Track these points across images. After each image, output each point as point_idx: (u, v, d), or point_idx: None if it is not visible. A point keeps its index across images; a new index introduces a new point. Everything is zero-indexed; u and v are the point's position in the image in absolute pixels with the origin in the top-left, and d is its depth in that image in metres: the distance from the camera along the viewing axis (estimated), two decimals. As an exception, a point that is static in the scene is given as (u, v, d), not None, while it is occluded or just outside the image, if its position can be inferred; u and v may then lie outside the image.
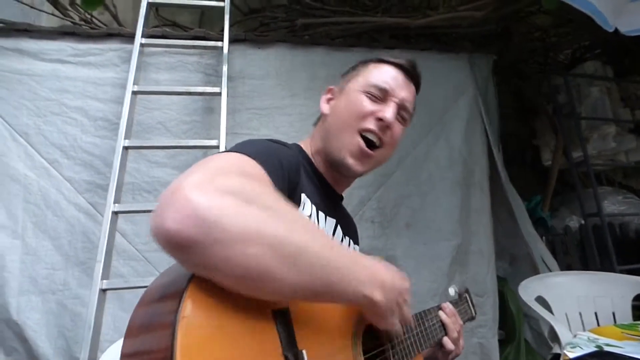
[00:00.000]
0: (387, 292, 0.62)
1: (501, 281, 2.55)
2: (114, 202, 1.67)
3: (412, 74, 0.94)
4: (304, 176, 0.80)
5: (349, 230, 0.98)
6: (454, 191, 2.40)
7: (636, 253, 3.04)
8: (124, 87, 1.92)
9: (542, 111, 3.45)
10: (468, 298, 1.16)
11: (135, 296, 1.70)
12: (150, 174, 1.98)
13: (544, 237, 2.98)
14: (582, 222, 3.13)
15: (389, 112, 0.86)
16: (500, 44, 2.80)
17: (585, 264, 3.03)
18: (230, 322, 0.47)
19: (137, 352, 0.46)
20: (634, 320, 1.84)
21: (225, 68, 1.99)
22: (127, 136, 1.80)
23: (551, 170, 3.30)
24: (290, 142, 2.30)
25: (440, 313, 0.96)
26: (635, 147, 3.36)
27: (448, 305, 0.98)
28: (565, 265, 3.01)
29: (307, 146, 0.94)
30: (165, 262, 2.01)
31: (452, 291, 1.13)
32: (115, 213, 1.67)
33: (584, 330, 1.83)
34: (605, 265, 2.87)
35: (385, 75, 0.90)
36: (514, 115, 3.50)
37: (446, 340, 0.93)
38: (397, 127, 0.89)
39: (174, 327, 0.41)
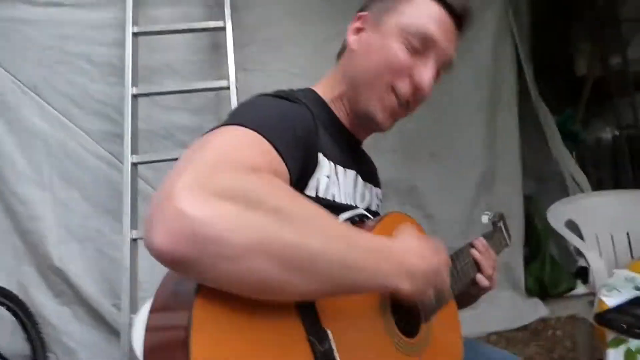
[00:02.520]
0: (418, 280, 0.56)
1: (527, 200, 2.52)
2: (132, 153, 1.66)
3: (463, 18, 0.75)
4: (321, 132, 0.69)
5: (370, 175, 0.91)
6: (480, 114, 2.29)
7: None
8: (123, 27, 1.81)
9: (578, 15, 3.13)
10: (503, 226, 1.08)
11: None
12: (164, 119, 1.94)
13: (574, 153, 2.88)
14: (616, 133, 2.97)
15: (426, 75, 0.72)
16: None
17: (617, 178, 2.94)
18: (250, 312, 0.44)
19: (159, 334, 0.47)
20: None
21: (227, -4, 1.84)
22: (134, 83, 1.74)
23: (586, 79, 3.08)
24: (305, 76, 2.14)
25: (473, 251, 0.90)
26: (681, 46, 3.07)
27: (480, 241, 0.92)
28: (596, 180, 2.93)
29: (325, 90, 0.81)
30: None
31: (485, 219, 1.04)
32: (134, 164, 1.67)
33: (615, 253, 1.81)
34: (638, 178, 2.77)
35: (430, 17, 0.72)
36: (546, 22, 3.19)
37: (480, 277, 0.90)
38: (430, 91, 0.74)
39: (190, 320, 0.40)
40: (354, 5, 2.21)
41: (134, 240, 1.64)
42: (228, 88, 1.74)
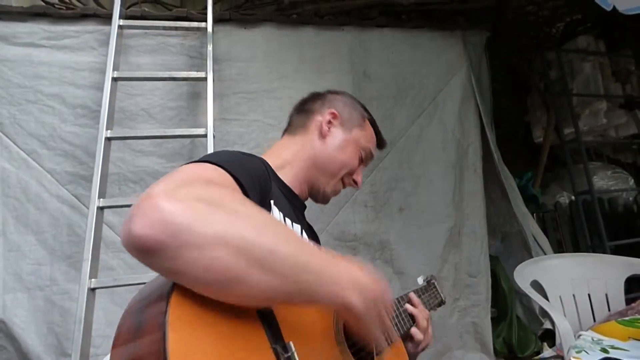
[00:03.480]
0: (366, 296, 0.59)
1: (493, 260, 2.57)
2: (99, 197, 1.60)
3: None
4: (273, 184, 0.82)
5: (313, 237, 1.02)
6: (448, 174, 2.37)
7: (624, 228, 3.09)
8: (102, 72, 1.82)
9: (534, 88, 3.41)
10: (436, 284, 1.17)
11: (127, 290, 1.65)
12: (136, 163, 1.90)
13: (534, 214, 3.00)
14: (573, 198, 3.14)
15: (361, 178, 1.05)
16: (493, 18, 2.72)
17: (575, 240, 3.07)
18: (218, 321, 0.49)
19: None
20: (626, 300, 1.86)
21: (210, 49, 1.89)
22: (109, 126, 1.71)
23: (542, 146, 3.29)
24: (280, 126, 2.20)
25: (407, 306, 0.97)
26: (625, 122, 3.36)
27: (413, 296, 1.00)
28: (556, 242, 3.04)
29: (272, 158, 0.94)
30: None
31: (420, 280, 1.15)
32: (101, 208, 1.61)
33: (578, 314, 1.85)
34: (595, 242, 2.91)
35: (375, 142, 1.09)
36: (505, 91, 3.45)
37: (415, 331, 0.94)
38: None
39: (164, 329, 0.43)
40: (327, 68, 2.35)
41: (91, 290, 1.53)
42: (205, 136, 1.74)
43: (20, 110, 1.85)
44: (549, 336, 2.51)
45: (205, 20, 1.94)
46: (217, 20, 2.01)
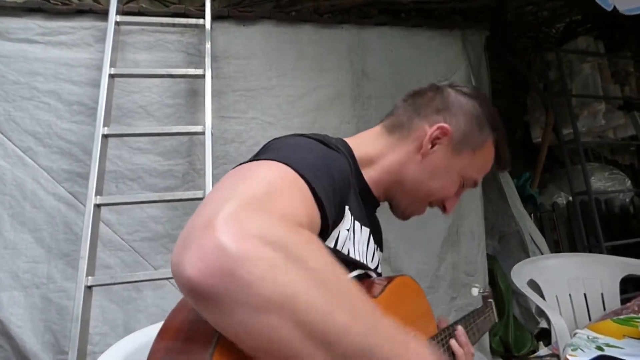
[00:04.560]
0: None
1: (490, 259, 2.57)
2: (96, 194, 1.59)
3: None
4: (351, 187, 0.71)
5: (379, 239, 0.91)
6: (446, 172, 2.37)
7: (621, 228, 3.10)
8: (99, 68, 1.81)
9: (533, 88, 3.41)
10: (492, 304, 1.06)
11: (124, 287, 1.64)
12: (133, 160, 1.89)
13: (532, 215, 3.01)
14: (570, 198, 3.15)
15: (454, 206, 0.88)
16: (493, 18, 2.71)
17: (572, 241, 3.08)
18: None
19: None
20: (621, 300, 1.87)
21: (208, 47, 1.88)
22: (106, 123, 1.70)
23: (541, 147, 3.30)
24: (279, 124, 2.15)
25: (452, 343, 0.85)
26: (623, 123, 3.37)
27: (462, 333, 0.87)
28: (553, 242, 3.05)
29: (360, 149, 0.82)
30: (153, 251, 1.94)
31: (475, 291, 1.04)
32: (98, 206, 1.60)
33: (574, 313, 1.86)
34: (591, 242, 2.92)
35: (486, 169, 0.87)
36: (504, 91, 3.45)
37: None
38: None
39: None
40: (326, 66, 2.32)
41: (88, 288, 1.53)
42: (203, 133, 1.73)
43: (15, 107, 1.84)
44: (545, 335, 2.53)
45: (204, 17, 1.93)
46: (215, 17, 2.00)
